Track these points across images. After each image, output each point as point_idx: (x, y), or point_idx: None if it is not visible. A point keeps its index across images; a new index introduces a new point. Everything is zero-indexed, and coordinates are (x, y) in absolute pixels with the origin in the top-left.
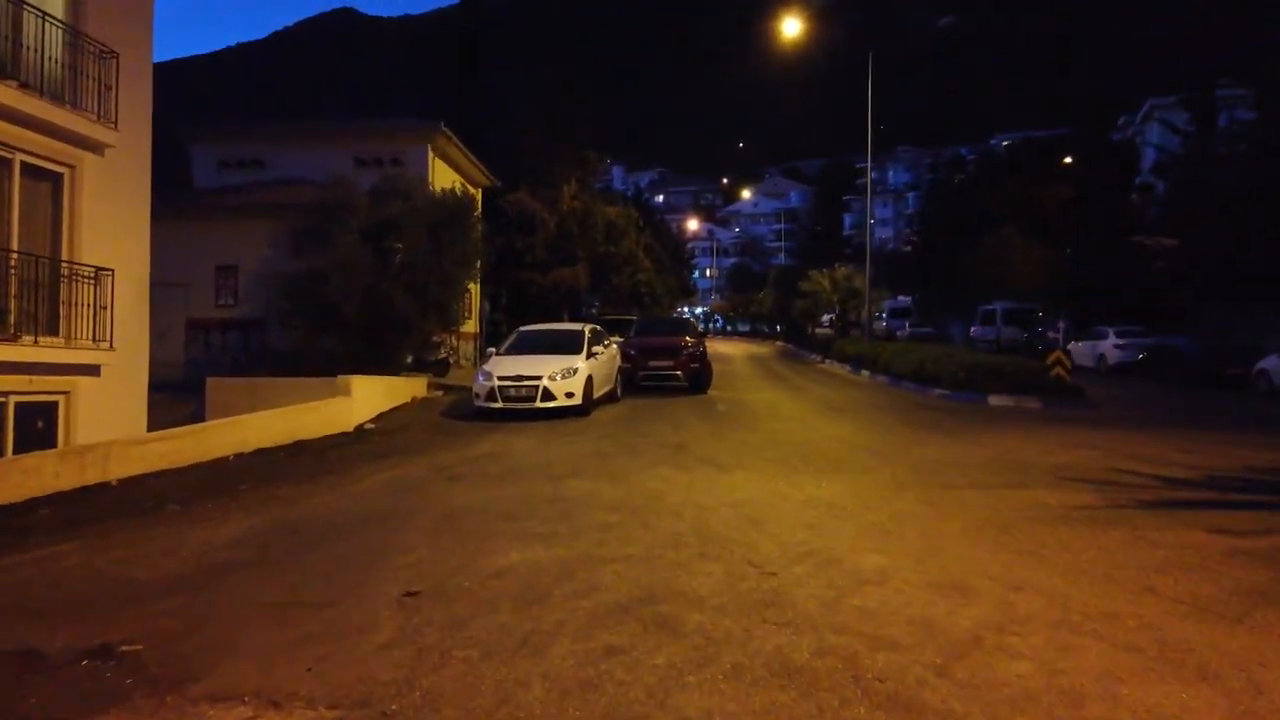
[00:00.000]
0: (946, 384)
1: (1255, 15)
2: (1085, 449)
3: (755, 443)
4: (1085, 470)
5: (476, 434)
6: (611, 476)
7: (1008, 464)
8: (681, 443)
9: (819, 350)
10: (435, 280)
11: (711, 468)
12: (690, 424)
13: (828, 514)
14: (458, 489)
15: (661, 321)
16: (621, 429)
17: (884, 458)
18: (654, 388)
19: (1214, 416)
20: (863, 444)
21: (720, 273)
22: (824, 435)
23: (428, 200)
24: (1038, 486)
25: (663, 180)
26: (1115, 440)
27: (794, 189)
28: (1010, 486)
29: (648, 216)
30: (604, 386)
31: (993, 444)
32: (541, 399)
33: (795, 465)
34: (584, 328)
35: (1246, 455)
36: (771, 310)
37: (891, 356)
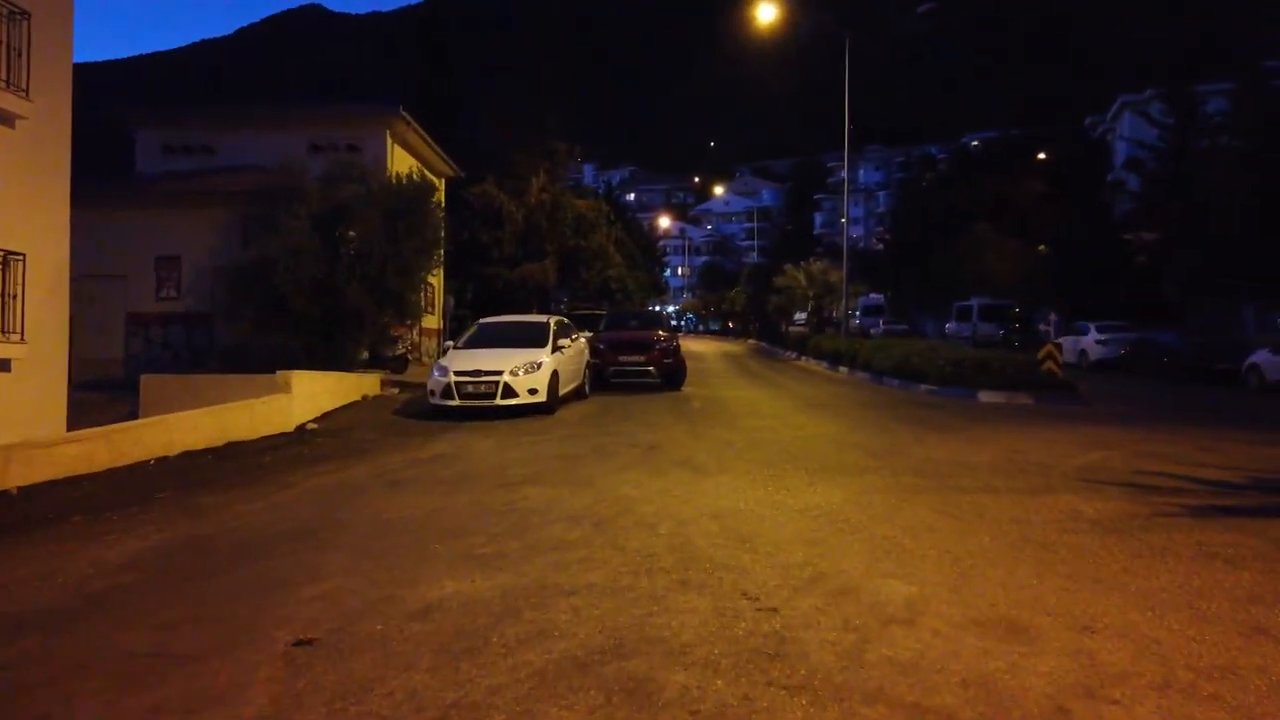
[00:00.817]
0: (933, 380)
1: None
2: (1100, 448)
3: (736, 443)
4: (1110, 472)
5: (430, 434)
6: (576, 482)
7: (1020, 465)
8: (655, 443)
9: (794, 347)
10: (391, 270)
11: (689, 471)
12: (664, 422)
13: (830, 527)
14: (398, 498)
15: (633, 315)
16: (589, 428)
17: (881, 458)
18: (625, 384)
19: (1218, 413)
20: (855, 443)
21: (692, 271)
22: (811, 434)
23: (383, 185)
24: (1063, 491)
25: (634, 178)
26: (1128, 439)
27: (765, 187)
28: (1033, 492)
29: (619, 212)
30: (571, 383)
31: (996, 442)
32: (502, 396)
33: (783, 468)
34: (549, 320)
35: (1276, 455)
36: (744, 308)
37: (872, 352)
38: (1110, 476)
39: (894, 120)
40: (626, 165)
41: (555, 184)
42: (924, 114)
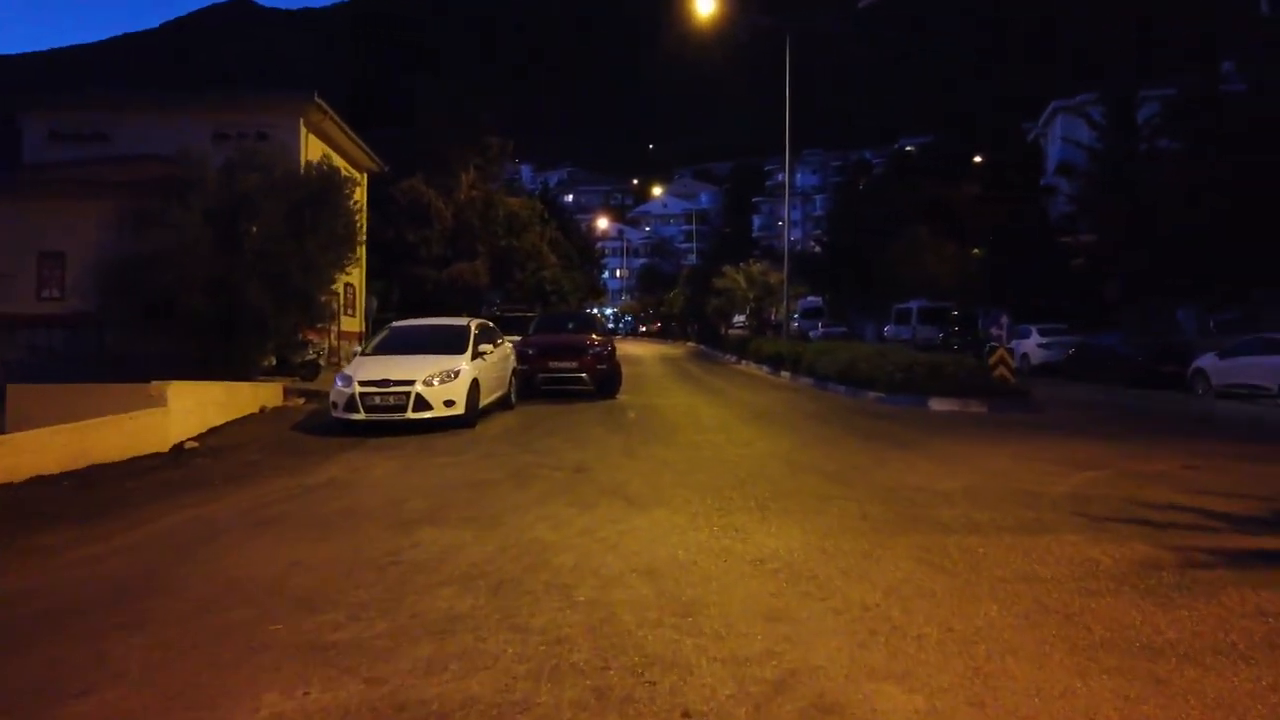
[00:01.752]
0: (881, 387)
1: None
2: (1081, 468)
3: (676, 463)
4: (1106, 502)
5: (326, 454)
6: (483, 520)
7: (1001, 492)
8: (583, 464)
9: (734, 351)
10: (297, 268)
11: (620, 502)
12: (596, 437)
13: (793, 588)
14: (258, 545)
15: (564, 317)
16: (511, 445)
17: (842, 483)
18: (556, 392)
19: (1180, 422)
20: (809, 463)
21: (630, 273)
22: (760, 451)
23: (288, 174)
24: (1064, 529)
25: (572, 179)
26: (1106, 455)
27: (704, 190)
28: (1027, 530)
29: (554, 211)
30: (494, 392)
31: (965, 461)
32: (414, 408)
33: (730, 496)
34: (469, 323)
35: (1274, 474)
36: (683, 310)
37: (815, 356)
38: (1109, 508)
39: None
40: (565, 166)
41: (487, 181)
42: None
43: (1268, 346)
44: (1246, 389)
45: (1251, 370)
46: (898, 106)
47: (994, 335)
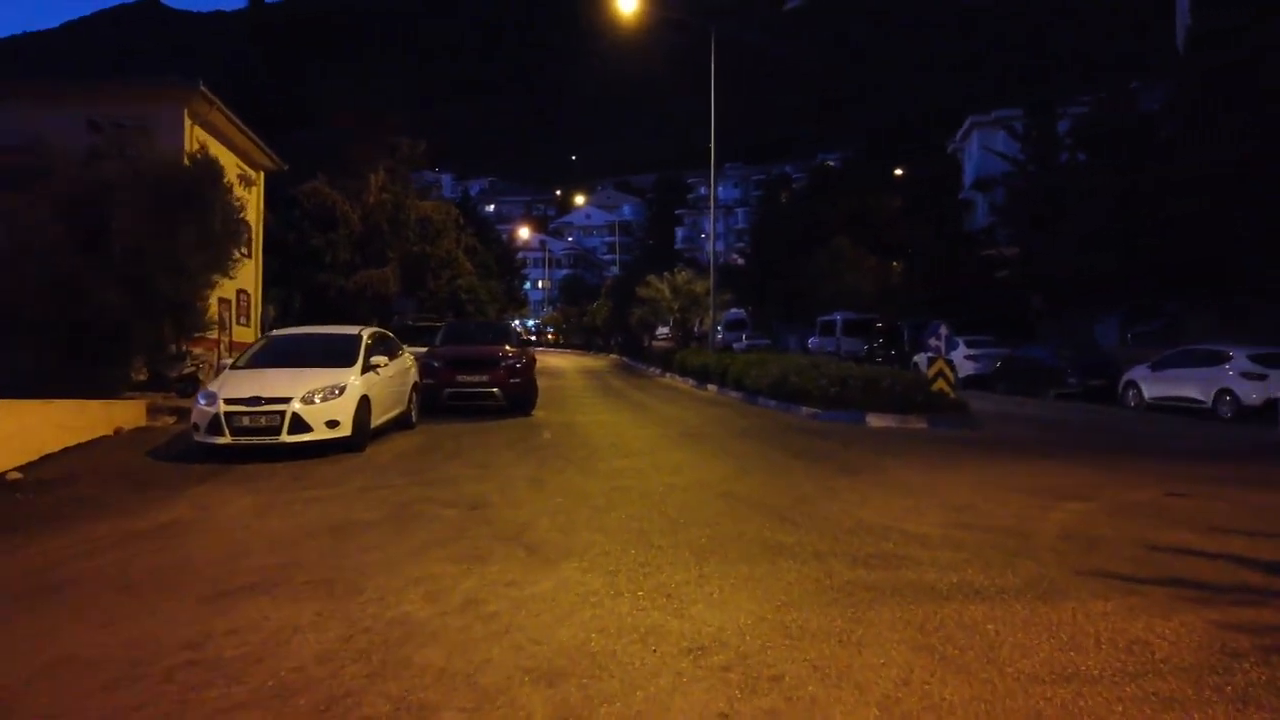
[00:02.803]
0: (816, 401)
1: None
2: (1060, 499)
3: (594, 496)
4: (1111, 547)
5: (177, 487)
6: (336, 586)
7: (984, 534)
8: (483, 498)
9: (658, 363)
10: (165, 269)
11: (521, 554)
12: (503, 463)
13: (751, 699)
14: (16, 628)
15: (475, 327)
16: (402, 474)
17: (791, 523)
18: (465, 409)
19: (1131, 440)
20: (750, 495)
21: (553, 284)
22: (691, 480)
23: (155, 165)
24: (1084, 594)
25: (494, 189)
26: (1077, 481)
27: (627, 201)
28: (1040, 594)
29: (470, 217)
30: (391, 410)
31: (927, 492)
32: (290, 430)
33: (659, 544)
34: (361, 332)
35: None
36: (606, 321)
37: (744, 369)
38: (1121, 557)
39: (752, 140)
40: (486, 176)
41: (397, 184)
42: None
43: (1199, 359)
44: (1179, 402)
45: (1183, 383)
46: (817, 122)
47: (932, 346)
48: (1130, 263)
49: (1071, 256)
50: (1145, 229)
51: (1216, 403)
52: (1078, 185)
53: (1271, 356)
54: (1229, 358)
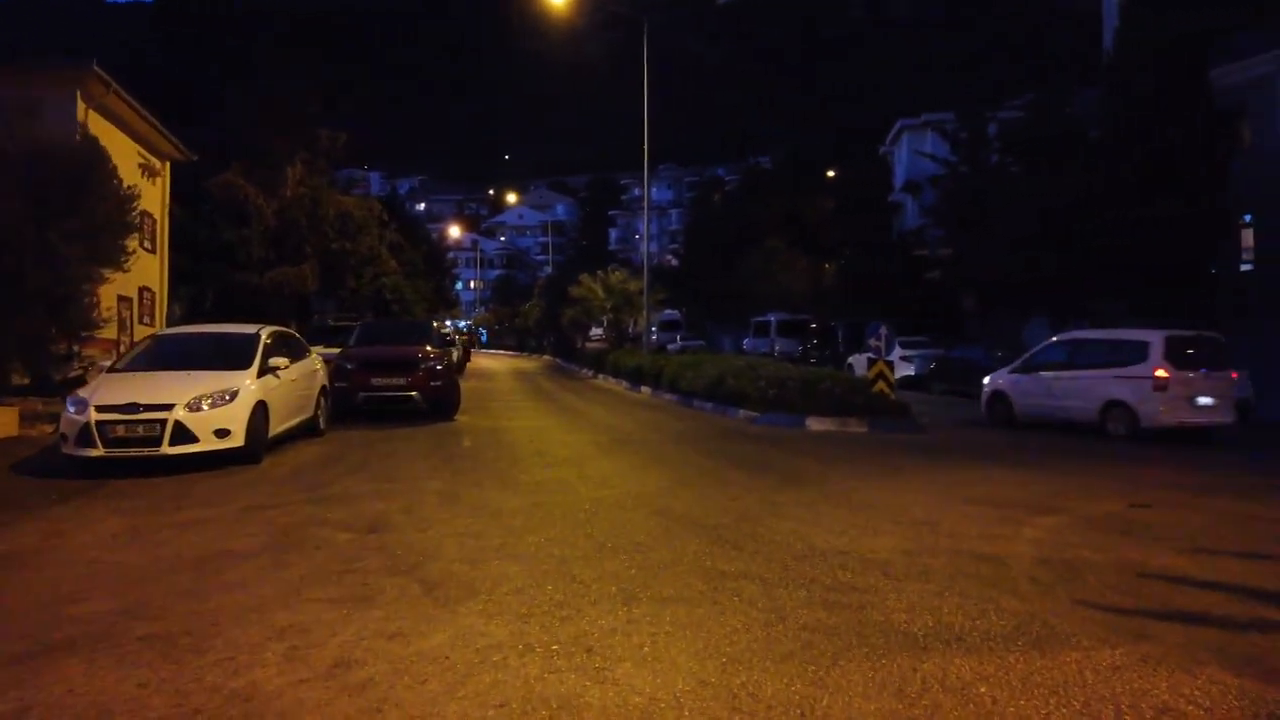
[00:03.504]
0: (753, 404)
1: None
2: (1024, 512)
3: (510, 514)
4: (1097, 574)
5: (34, 507)
6: (176, 642)
7: (953, 559)
8: (384, 519)
9: (591, 364)
10: (36, 262)
11: (416, 590)
12: (414, 475)
13: None
14: None
15: (394, 326)
16: (298, 489)
17: (734, 546)
18: (381, 413)
19: (1073, 438)
20: (686, 512)
21: (485, 284)
22: (621, 493)
23: (27, 146)
24: (1085, 639)
25: (424, 188)
26: (1035, 491)
27: (560, 202)
28: (1034, 642)
29: (399, 215)
30: (294, 416)
31: (881, 506)
32: (173, 441)
33: (581, 577)
34: (259, 331)
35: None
36: (539, 322)
37: (679, 371)
38: (1111, 587)
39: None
40: (416, 175)
41: (316, 177)
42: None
43: None
44: None
45: None
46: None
47: (872, 347)
48: (1057, 265)
49: (1001, 258)
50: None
51: None
52: (1004, 189)
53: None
54: None
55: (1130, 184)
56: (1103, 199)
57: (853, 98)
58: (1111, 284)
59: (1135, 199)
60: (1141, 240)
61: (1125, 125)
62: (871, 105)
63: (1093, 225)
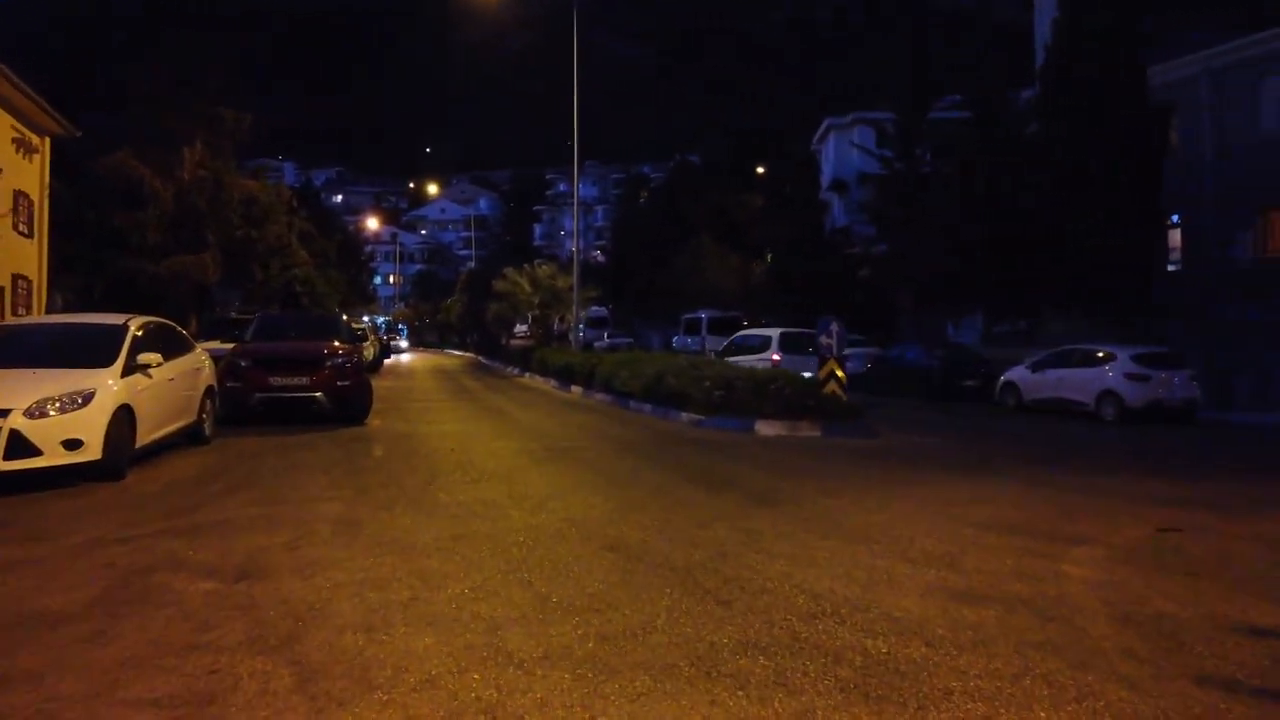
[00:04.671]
0: (697, 406)
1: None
2: (1053, 543)
3: (426, 550)
4: (1200, 636)
5: None
6: None
7: (1003, 615)
8: (259, 560)
9: (517, 362)
10: None
11: (284, 682)
12: (309, 494)
13: None
14: None
15: (297, 319)
16: (161, 515)
17: (715, 599)
18: (281, 417)
19: (1036, 445)
20: (646, 544)
21: (405, 280)
22: (563, 519)
23: None
24: None
25: (341, 179)
26: (1040, 512)
27: (483, 196)
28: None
29: (313, 204)
30: (171, 422)
31: (874, 532)
32: (8, 454)
33: (519, 654)
34: (127, 322)
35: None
36: (461, 318)
37: (613, 370)
38: (1229, 658)
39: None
40: (333, 166)
41: (219, 160)
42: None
43: (1079, 359)
44: (1059, 404)
45: (1064, 384)
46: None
47: (823, 345)
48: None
49: (939, 256)
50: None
51: (1099, 404)
52: (942, 187)
53: (1154, 357)
54: (1112, 358)
55: (1068, 181)
56: (1040, 196)
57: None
58: (1048, 282)
59: (1073, 197)
60: (1079, 239)
61: (1063, 119)
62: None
63: (1030, 224)
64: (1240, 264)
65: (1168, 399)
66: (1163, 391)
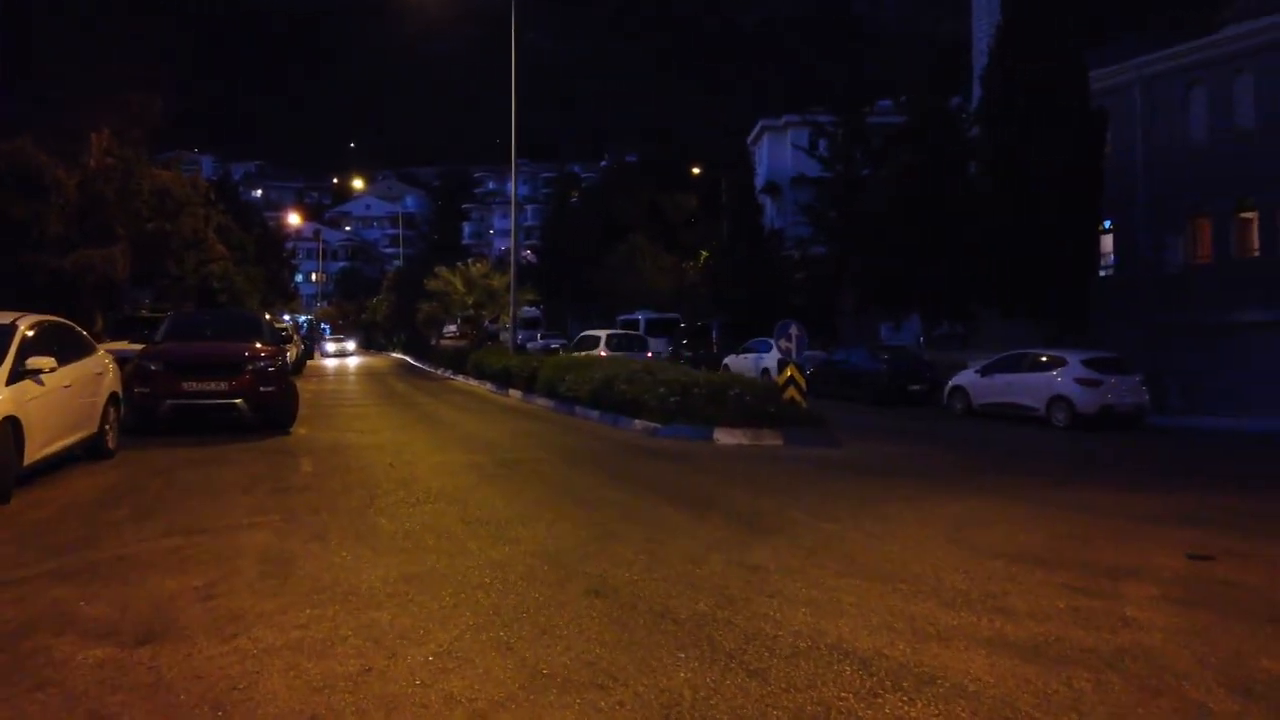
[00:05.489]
0: (652, 413)
1: None
2: (1092, 574)
3: (373, 599)
4: None
5: None
6: None
7: (1100, 682)
8: (166, 612)
9: (448, 364)
10: None
11: None
12: (230, 521)
13: None
14: None
15: (214, 318)
16: (43, 555)
17: (748, 670)
18: (195, 425)
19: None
20: (635, 585)
21: (328, 277)
22: (531, 551)
23: None
24: None
25: (262, 174)
26: (1057, 534)
27: (410, 193)
28: None
29: (231, 198)
30: (69, 434)
31: (891, 565)
32: None
33: None
34: (15, 321)
35: None
36: (388, 318)
37: (556, 373)
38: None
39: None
40: (253, 160)
41: (130, 148)
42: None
43: (1030, 364)
44: (1009, 409)
45: (1014, 389)
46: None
47: (782, 349)
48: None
49: (879, 257)
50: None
51: (1051, 410)
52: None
53: (1105, 362)
54: (1062, 363)
55: (1009, 184)
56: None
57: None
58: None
59: (1014, 200)
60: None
61: (1012, 123)
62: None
63: (970, 226)
64: (1170, 269)
65: (1118, 404)
66: (1113, 397)
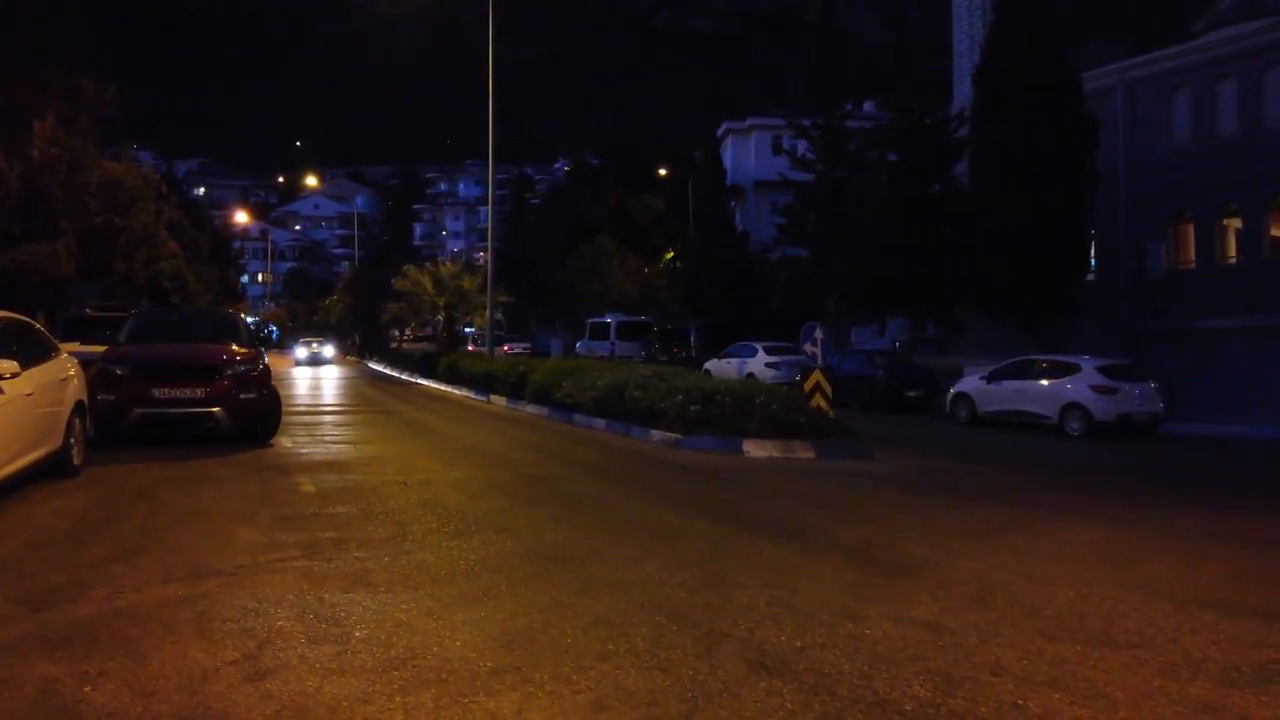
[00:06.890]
0: (672, 424)
1: None
2: (1260, 621)
3: (469, 680)
4: None
5: None
6: None
7: None
8: (199, 700)
9: (416, 369)
10: None
11: None
12: (239, 560)
13: None
14: None
15: (185, 317)
16: (14, 612)
17: None
18: (162, 436)
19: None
20: (799, 654)
21: (276, 278)
22: (631, 603)
23: None
24: None
25: (206, 171)
26: (1169, 563)
27: (360, 193)
28: None
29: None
30: (29, 451)
31: (1054, 611)
32: None
33: None
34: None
35: None
36: (344, 319)
37: (550, 378)
38: None
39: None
40: (196, 157)
41: (77, 138)
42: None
43: (1040, 371)
44: (1019, 417)
45: (1024, 396)
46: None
47: (808, 353)
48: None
49: (868, 259)
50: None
51: (1064, 418)
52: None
53: (1120, 369)
54: (1075, 370)
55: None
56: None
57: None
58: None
59: (1015, 201)
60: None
61: (1010, 123)
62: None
63: (969, 227)
64: (1152, 273)
65: (1135, 412)
66: (1129, 405)
